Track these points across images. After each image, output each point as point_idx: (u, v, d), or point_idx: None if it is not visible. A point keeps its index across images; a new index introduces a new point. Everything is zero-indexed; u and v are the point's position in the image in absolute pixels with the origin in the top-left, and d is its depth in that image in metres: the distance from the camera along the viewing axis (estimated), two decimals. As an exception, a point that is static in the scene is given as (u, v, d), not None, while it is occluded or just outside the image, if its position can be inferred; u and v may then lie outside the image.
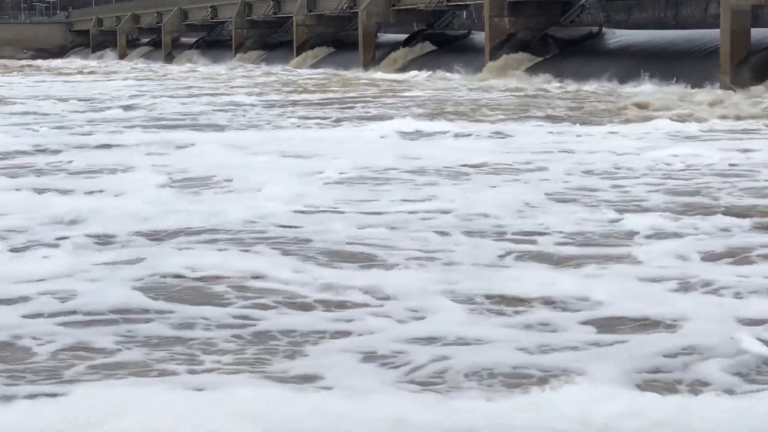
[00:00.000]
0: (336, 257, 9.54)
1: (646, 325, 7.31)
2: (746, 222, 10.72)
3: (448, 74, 42.96)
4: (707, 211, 11.52)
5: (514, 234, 10.52)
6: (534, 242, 10.12)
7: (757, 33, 32.00)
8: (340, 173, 14.73)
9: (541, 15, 42.35)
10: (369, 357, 6.67)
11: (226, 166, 15.69)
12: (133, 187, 13.73)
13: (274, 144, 18.80)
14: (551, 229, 10.70)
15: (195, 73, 56.19)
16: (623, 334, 7.10)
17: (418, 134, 20.32)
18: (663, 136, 19.35)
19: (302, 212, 11.80)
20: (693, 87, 31.16)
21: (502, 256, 9.56)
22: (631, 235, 10.41)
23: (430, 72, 44.33)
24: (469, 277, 8.65)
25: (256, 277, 8.70)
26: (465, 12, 51.91)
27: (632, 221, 10.99)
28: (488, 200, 12.24)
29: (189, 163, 16.13)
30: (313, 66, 54.38)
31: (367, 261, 9.41)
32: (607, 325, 7.34)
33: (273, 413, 5.56)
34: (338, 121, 24.35)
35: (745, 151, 16.65)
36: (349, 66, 50.62)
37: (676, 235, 10.31)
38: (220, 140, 19.64)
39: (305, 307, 7.91)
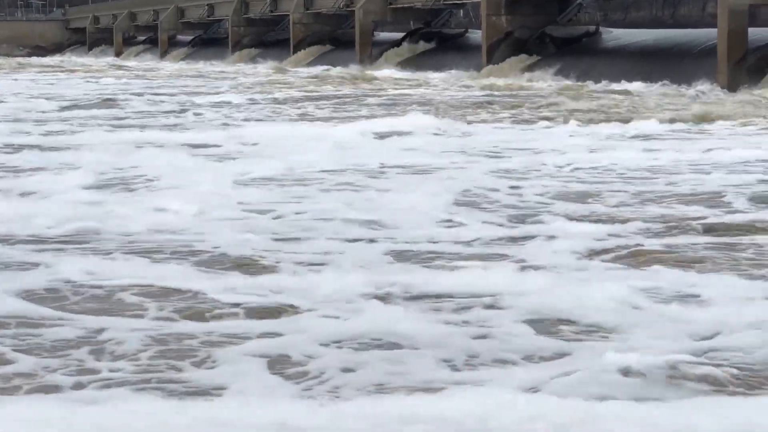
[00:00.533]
0: (241, 262, 9.36)
1: (546, 328, 7.23)
2: (637, 225, 10.70)
3: (444, 73, 43.05)
4: (606, 214, 11.52)
5: (412, 236, 10.40)
6: (429, 244, 10.04)
7: (755, 32, 32.05)
8: (273, 174, 14.74)
9: (539, 14, 42.40)
10: (275, 362, 6.57)
11: (163, 166, 15.70)
12: (55, 188, 13.63)
13: (230, 143, 18.93)
14: (454, 230, 10.71)
15: (189, 71, 56.29)
16: (523, 338, 7.02)
17: (390, 133, 20.31)
18: (629, 136, 19.39)
19: (214, 216, 11.62)
20: (689, 86, 31.22)
21: (393, 257, 9.51)
22: (527, 237, 10.35)
23: (426, 70, 44.44)
24: (370, 278, 8.56)
25: (158, 284, 8.48)
26: (462, 10, 51.99)
27: (531, 224, 11.03)
28: (402, 201, 12.26)
29: (128, 164, 16.11)
30: (310, 64, 54.50)
31: (273, 265, 9.24)
32: (507, 328, 7.25)
33: (149, 425, 5.46)
34: (316, 119, 24.35)
35: (701, 151, 16.67)
36: (346, 64, 50.73)
37: (572, 236, 10.22)
38: (178, 140, 19.68)
39: (207, 314, 7.72)
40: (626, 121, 21.84)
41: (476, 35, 46.02)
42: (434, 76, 42.30)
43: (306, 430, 5.38)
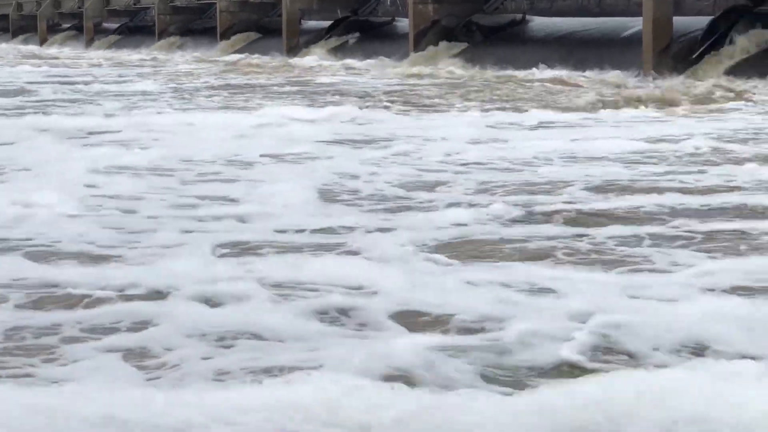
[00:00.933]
0: (94, 254, 9.34)
1: (397, 317, 7.28)
2: (484, 216, 10.81)
3: (369, 61, 43.12)
4: (463, 202, 11.68)
5: (269, 227, 10.49)
6: (284, 235, 10.14)
7: (679, 21, 32.40)
8: (148, 164, 14.73)
9: (465, 2, 42.53)
10: (130, 354, 6.56)
11: (44, 154, 15.57)
12: None
13: (129, 131, 18.88)
14: (311, 220, 10.81)
15: (113, 59, 55.97)
16: (375, 327, 7.07)
17: (292, 122, 20.36)
18: (525, 125, 19.55)
19: (72, 207, 11.57)
20: (613, 74, 31.49)
21: (248, 249, 9.58)
22: (379, 228, 10.43)
23: (352, 58, 44.50)
24: (224, 269, 8.61)
25: (3, 278, 8.36)
26: (389, -1, 52.02)
27: (389, 214, 11.16)
28: (266, 193, 12.31)
29: (9, 153, 15.95)
30: (237, 52, 54.29)
31: (129, 257, 9.26)
32: (359, 318, 7.30)
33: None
34: (226, 108, 24.32)
35: (584, 140, 16.75)
36: (273, 52, 50.73)
37: (418, 228, 10.32)
38: (77, 127, 19.57)
39: (57, 308, 7.67)
40: (532, 109, 22.02)
41: (403, 23, 46.11)
42: (360, 65, 42.38)
43: (136, 421, 5.34)
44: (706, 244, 9.48)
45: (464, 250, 9.45)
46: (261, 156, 15.62)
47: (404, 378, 5.98)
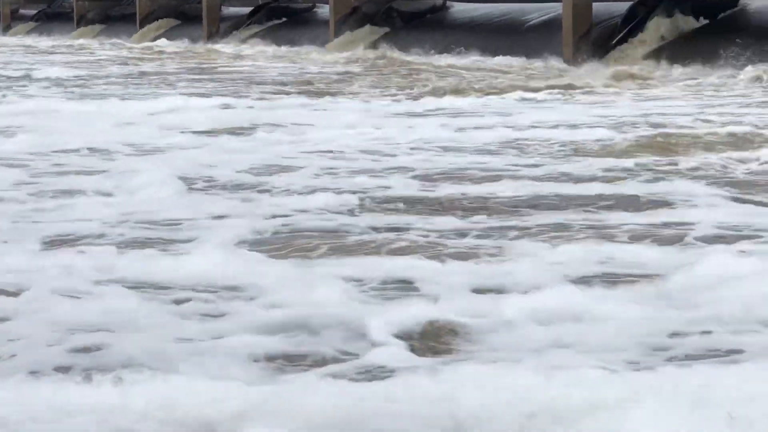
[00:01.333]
0: None
1: (238, 310, 7.29)
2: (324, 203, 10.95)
3: (289, 48, 43.15)
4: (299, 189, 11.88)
5: (128, 220, 10.50)
6: (144, 229, 10.13)
7: (599, 7, 32.74)
8: (3, 154, 14.76)
9: (387, -12, 42.72)
10: None
11: None
12: None
13: (17, 119, 18.76)
14: (164, 212, 10.83)
15: (27, 46, 55.50)
16: (207, 323, 7.07)
17: (178, 111, 20.42)
18: (415, 112, 19.71)
19: None
20: (533, 60, 31.75)
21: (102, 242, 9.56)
22: (194, 219, 10.48)
23: (271, 45, 44.50)
24: (86, 264, 8.57)
25: None
26: (312, -16, 51.97)
27: (240, 202, 11.28)
28: (124, 185, 12.33)
29: None
30: (156, 39, 54.12)
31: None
32: (190, 310, 7.33)
33: None
34: (123, 96, 24.19)
35: (454, 130, 16.81)
36: (193, 39, 50.64)
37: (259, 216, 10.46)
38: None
39: None
40: (430, 96, 22.14)
41: (324, 10, 46.23)
42: (279, 51, 42.33)
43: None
44: (556, 234, 9.48)
45: (294, 241, 9.47)
46: (128, 146, 15.58)
47: (242, 374, 5.99)
